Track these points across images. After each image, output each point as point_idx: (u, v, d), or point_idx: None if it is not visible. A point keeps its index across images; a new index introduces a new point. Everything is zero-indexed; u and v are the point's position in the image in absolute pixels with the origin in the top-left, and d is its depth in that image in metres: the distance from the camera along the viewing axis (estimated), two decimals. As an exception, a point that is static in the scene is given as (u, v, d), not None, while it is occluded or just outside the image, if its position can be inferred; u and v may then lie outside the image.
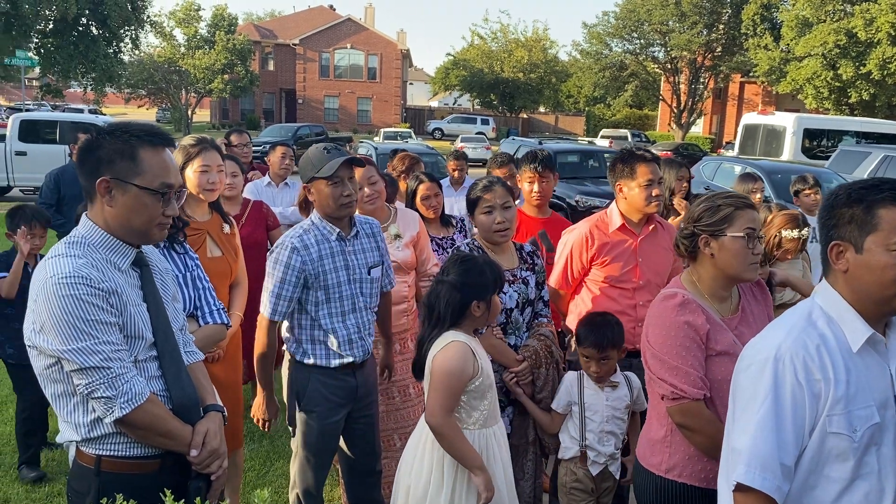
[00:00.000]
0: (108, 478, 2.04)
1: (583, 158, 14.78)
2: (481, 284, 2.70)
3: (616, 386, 3.19)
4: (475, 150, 30.03)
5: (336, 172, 2.99)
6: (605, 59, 43.16)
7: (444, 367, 2.61)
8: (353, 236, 3.17)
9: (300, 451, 3.19)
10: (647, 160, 3.49)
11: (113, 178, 2.01)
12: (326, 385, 3.11)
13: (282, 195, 5.98)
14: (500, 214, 3.22)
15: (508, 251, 3.34)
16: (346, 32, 52.01)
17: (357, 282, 3.13)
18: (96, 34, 31.92)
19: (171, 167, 2.08)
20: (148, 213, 2.04)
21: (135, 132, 2.04)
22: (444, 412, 2.60)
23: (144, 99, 45.31)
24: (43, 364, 1.99)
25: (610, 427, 3.16)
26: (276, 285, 3.01)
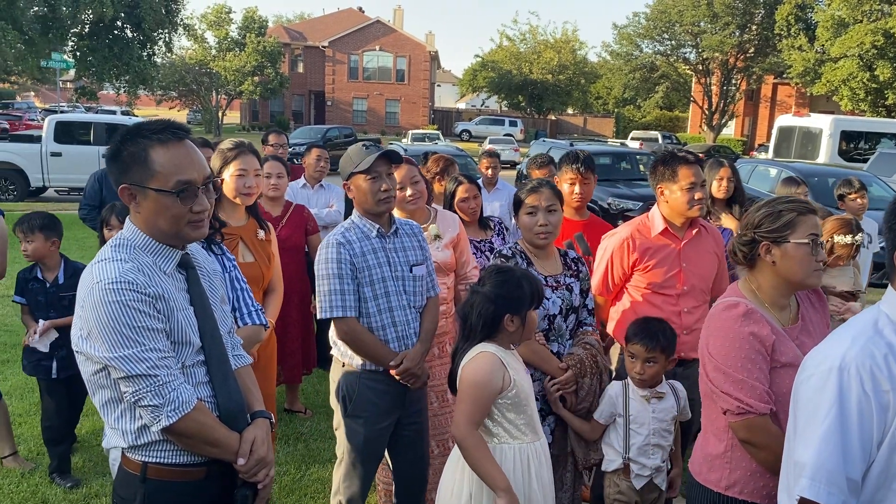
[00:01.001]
0: (153, 485, 2.01)
1: (615, 160, 14.62)
2: (516, 298, 2.59)
3: (662, 397, 3.08)
4: (503, 151, 29.91)
5: (373, 167, 2.99)
6: (636, 61, 42.83)
7: (470, 378, 2.52)
8: (393, 233, 3.14)
9: (345, 457, 3.14)
10: (690, 162, 3.40)
11: (132, 185, 1.97)
12: (374, 390, 3.06)
13: (317, 196, 5.97)
14: (543, 217, 3.15)
15: (552, 257, 3.27)
16: (374, 34, 52.22)
17: (400, 279, 3.09)
18: (130, 37, 32.38)
19: (187, 162, 1.99)
20: (171, 214, 1.98)
21: (145, 132, 1.98)
22: (469, 424, 2.50)
23: (176, 101, 45.91)
24: (90, 370, 1.96)
25: (656, 440, 3.05)
26: (333, 282, 2.97)
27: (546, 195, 3.18)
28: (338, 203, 6.03)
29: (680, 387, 3.15)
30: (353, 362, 3.08)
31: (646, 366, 3.04)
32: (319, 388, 5.76)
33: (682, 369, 3.43)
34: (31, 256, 4.04)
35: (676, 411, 3.11)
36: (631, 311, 3.46)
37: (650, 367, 3.04)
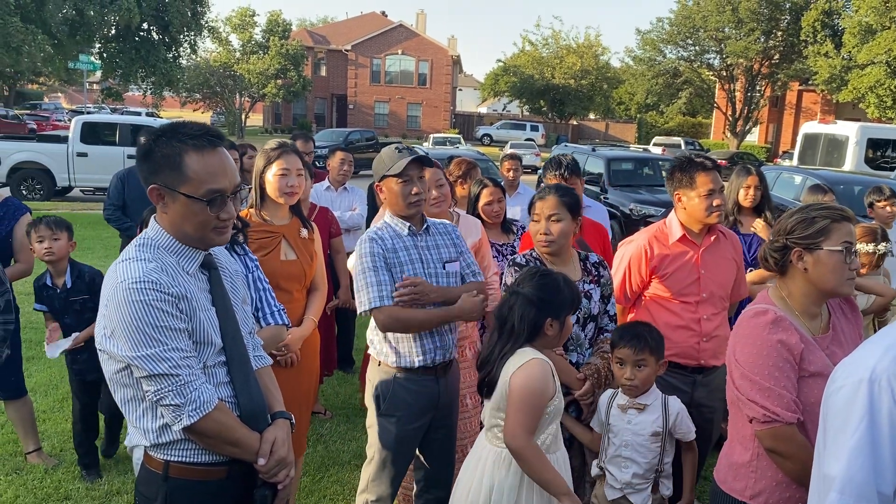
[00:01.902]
0: (175, 484, 2.01)
1: (637, 166, 14.51)
2: (558, 302, 2.58)
3: (642, 409, 2.95)
4: (524, 156, 29.88)
5: (405, 170, 3.02)
6: (659, 66, 42.59)
7: (527, 386, 2.46)
8: (425, 231, 3.16)
9: (376, 455, 3.14)
10: (708, 168, 3.35)
11: (161, 186, 1.98)
12: (409, 390, 3.06)
13: (340, 199, 5.99)
14: (545, 225, 3.12)
15: (570, 263, 3.22)
16: (397, 38, 52.40)
17: (433, 276, 3.09)
18: (156, 39, 32.76)
19: (219, 171, 2.00)
20: (198, 220, 1.99)
21: (181, 136, 1.98)
22: (527, 434, 2.46)
23: (200, 103, 46.34)
24: (113, 368, 1.98)
25: (628, 453, 2.93)
26: (369, 275, 2.98)
27: (550, 203, 3.13)
28: (360, 206, 6.05)
29: (675, 402, 2.99)
30: (389, 360, 3.08)
31: (636, 370, 2.93)
32: (339, 390, 5.77)
33: (701, 376, 3.39)
34: (55, 255, 4.00)
35: (660, 427, 2.93)
36: (650, 319, 3.41)
37: (640, 371, 2.94)
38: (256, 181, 3.33)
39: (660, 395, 2.99)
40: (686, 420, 2.97)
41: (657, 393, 3.00)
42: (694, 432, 2.99)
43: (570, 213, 3.14)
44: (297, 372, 3.30)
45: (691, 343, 3.34)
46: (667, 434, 2.94)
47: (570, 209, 3.14)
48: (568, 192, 3.21)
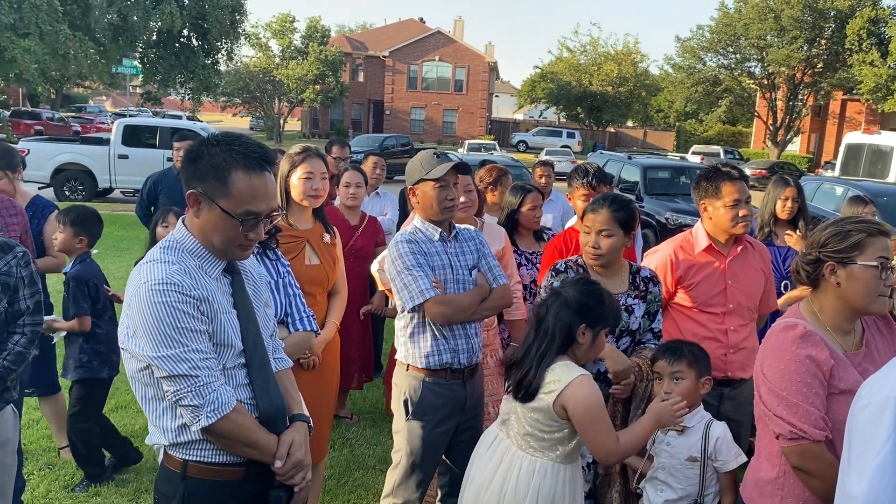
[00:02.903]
0: (193, 483, 2.03)
1: (674, 174, 14.35)
2: (596, 311, 2.54)
3: (681, 431, 2.82)
4: (560, 163, 29.68)
5: (444, 176, 3.05)
6: (699, 74, 42.10)
7: (589, 404, 2.42)
8: (454, 238, 3.19)
9: (403, 460, 3.15)
10: (734, 178, 3.30)
11: (201, 194, 2.00)
12: (436, 393, 3.09)
13: (372, 204, 6.01)
14: (594, 239, 3.08)
15: (618, 275, 3.16)
16: (434, 45, 52.60)
17: (460, 282, 3.13)
18: (196, 46, 33.36)
19: (261, 194, 2.01)
20: (227, 234, 2.02)
21: (234, 151, 2.00)
22: (615, 442, 2.45)
23: (239, 107, 47.02)
24: (135, 367, 2.00)
25: (664, 476, 2.83)
26: (412, 272, 3.02)
27: (602, 218, 3.06)
28: (392, 211, 6.06)
29: (717, 429, 2.84)
30: (418, 364, 3.10)
31: (673, 383, 2.83)
32: (367, 395, 5.78)
33: (729, 389, 3.33)
34: (58, 248, 4.07)
35: (697, 453, 2.79)
36: (676, 330, 3.37)
37: (678, 385, 2.82)
38: (281, 185, 3.36)
39: (705, 419, 2.86)
40: (727, 448, 2.80)
41: (703, 416, 2.87)
42: (735, 462, 2.79)
43: (621, 228, 3.07)
44: (318, 375, 3.32)
45: (718, 355, 3.28)
46: (706, 461, 2.79)
47: (622, 224, 3.07)
48: (623, 207, 3.11)
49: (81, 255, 4.09)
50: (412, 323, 3.11)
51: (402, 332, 3.17)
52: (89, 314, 4.02)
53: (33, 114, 34.33)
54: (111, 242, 10.48)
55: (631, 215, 3.10)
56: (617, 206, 3.09)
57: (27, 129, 29.94)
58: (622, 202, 3.14)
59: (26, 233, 3.66)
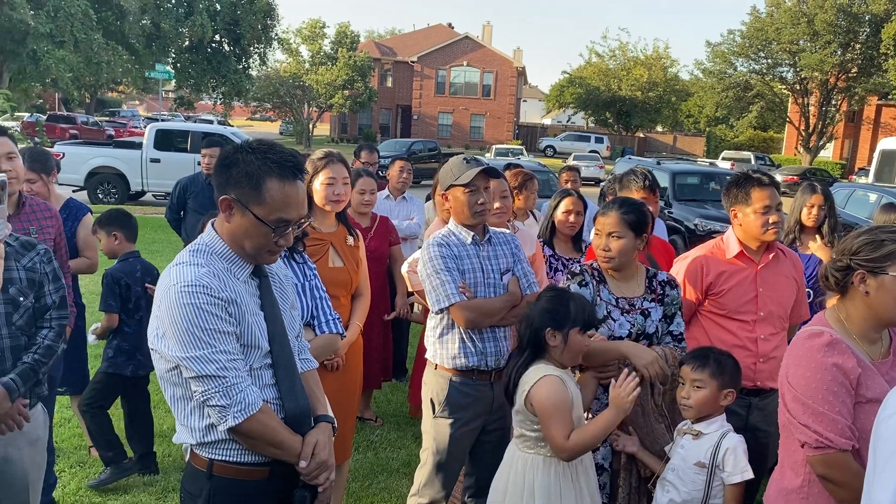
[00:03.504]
0: (219, 482, 2.06)
1: (704, 180, 14.20)
2: (558, 313, 2.70)
3: (697, 436, 2.79)
4: (588, 168, 29.62)
5: (473, 181, 3.09)
6: (729, 79, 41.63)
7: (549, 401, 2.64)
8: (487, 241, 3.23)
9: (429, 458, 3.21)
10: (764, 185, 3.25)
11: (235, 200, 2.03)
12: (463, 393, 3.13)
13: (399, 208, 6.04)
14: (604, 241, 3.06)
15: (634, 278, 3.13)
16: (463, 50, 52.72)
17: (491, 286, 3.16)
18: (228, 51, 33.78)
19: (293, 202, 2.05)
20: (259, 240, 2.05)
21: (269, 159, 2.03)
22: (563, 437, 2.61)
23: (269, 112, 47.52)
24: (164, 367, 2.04)
25: (672, 477, 2.81)
26: (442, 275, 3.06)
27: (611, 220, 3.04)
28: (418, 216, 6.08)
29: (731, 440, 2.77)
30: (445, 363, 3.15)
31: (692, 390, 2.80)
32: (392, 398, 5.81)
33: (758, 399, 3.28)
34: (105, 253, 4.25)
35: (706, 459, 2.75)
36: (704, 337, 3.33)
37: (696, 392, 2.79)
38: None
39: (722, 429, 2.81)
40: (735, 462, 2.73)
41: (721, 426, 2.81)
42: (742, 476, 2.73)
43: (632, 230, 3.03)
44: (341, 376, 3.36)
45: (747, 363, 3.23)
46: (713, 469, 2.75)
47: (633, 226, 3.03)
48: (633, 209, 3.07)
49: (125, 254, 4.21)
50: (441, 324, 3.16)
51: (431, 332, 3.22)
52: (116, 312, 4.11)
53: (68, 118, 35.01)
54: (142, 245, 10.60)
55: (641, 218, 3.06)
56: (627, 208, 3.07)
57: (62, 133, 30.51)
58: (632, 204, 3.13)
59: (60, 235, 3.74)
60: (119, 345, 4.16)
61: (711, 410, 2.80)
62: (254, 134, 32.15)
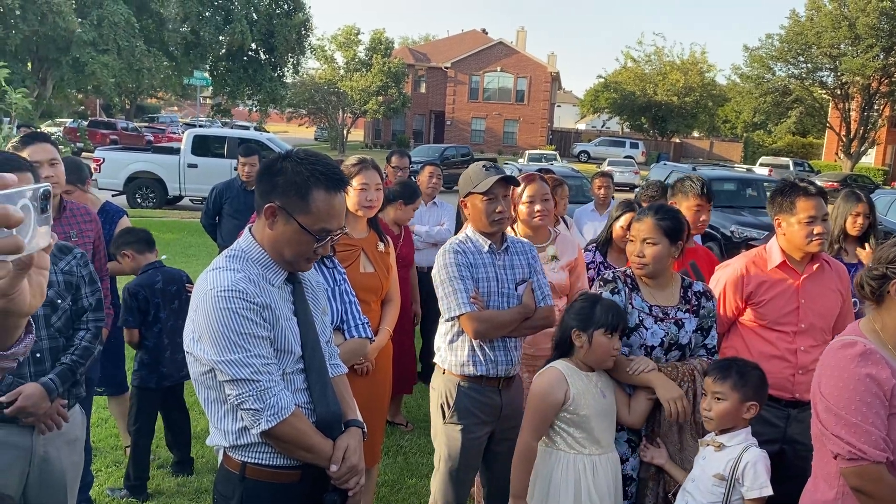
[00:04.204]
0: (251, 484, 2.10)
1: (740, 187, 14.01)
2: (584, 315, 2.80)
3: (718, 448, 2.72)
4: (623, 174, 29.37)
5: (491, 189, 3.07)
6: (767, 84, 40.96)
7: (534, 390, 2.83)
8: (503, 251, 3.21)
9: (442, 465, 3.21)
10: (810, 194, 3.17)
11: (280, 208, 2.06)
12: (472, 399, 3.13)
13: (429, 214, 6.06)
14: (639, 247, 3.02)
15: (669, 287, 3.08)
16: (496, 55, 52.71)
17: (505, 296, 3.15)
18: (263, 60, 34.24)
19: (336, 213, 2.10)
20: (300, 248, 2.09)
21: (316, 170, 2.07)
22: (531, 432, 2.79)
23: (304, 118, 48.00)
24: (199, 371, 2.08)
25: (691, 488, 2.75)
26: (455, 283, 3.06)
27: (646, 226, 3.00)
28: (448, 221, 6.10)
29: (752, 454, 2.67)
30: (454, 369, 3.15)
31: (713, 401, 2.73)
32: (422, 403, 5.81)
33: (796, 411, 3.22)
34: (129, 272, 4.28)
35: (725, 472, 2.66)
36: (743, 347, 3.28)
37: (717, 404, 2.71)
38: None
39: (745, 443, 2.72)
40: (756, 475, 2.64)
41: (744, 439, 2.73)
42: (760, 492, 2.63)
43: (667, 237, 2.98)
44: (371, 381, 3.38)
45: (786, 375, 3.19)
46: (733, 482, 2.67)
47: (668, 233, 2.98)
48: (668, 216, 3.02)
49: (144, 266, 4.22)
50: (452, 331, 3.17)
51: (442, 337, 3.23)
52: (134, 327, 4.12)
53: (109, 124, 35.76)
54: (179, 248, 10.81)
55: (676, 225, 3.01)
56: (662, 214, 3.02)
57: (103, 139, 31.17)
58: (668, 211, 3.09)
59: (99, 238, 3.83)
60: (141, 358, 4.21)
61: (733, 423, 2.72)
62: (289, 140, 32.51)
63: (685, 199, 4.12)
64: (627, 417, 2.95)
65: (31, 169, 2.66)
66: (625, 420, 2.95)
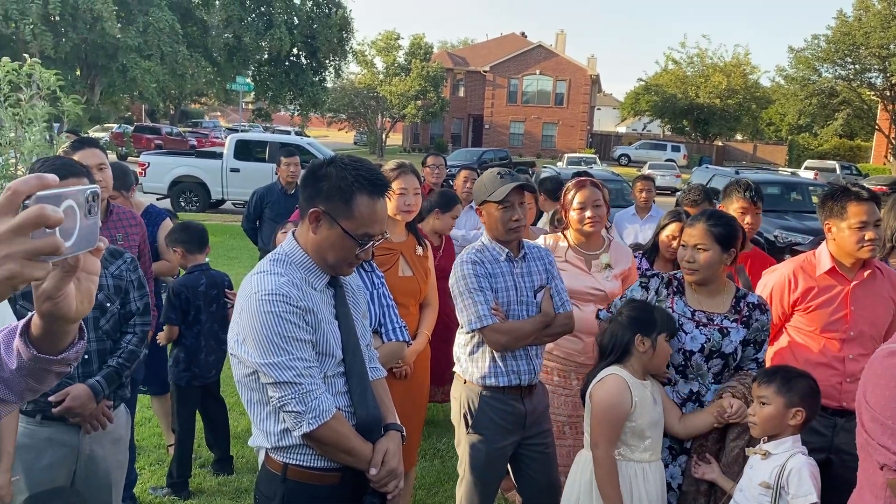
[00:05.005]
0: (292, 485, 2.12)
1: (784, 190, 13.75)
2: (646, 320, 2.78)
3: (764, 457, 2.66)
4: (664, 177, 29.02)
5: (506, 197, 3.02)
6: (813, 86, 40.13)
7: (603, 401, 2.73)
8: (521, 258, 3.16)
9: (467, 474, 3.18)
10: (862, 199, 3.09)
11: (324, 212, 2.08)
12: (495, 408, 3.09)
13: (465, 218, 6.05)
14: (690, 253, 2.97)
15: (720, 295, 3.02)
16: (535, 59, 52.57)
17: (524, 304, 3.10)
18: (305, 64, 34.64)
19: (379, 218, 2.12)
20: (343, 253, 2.11)
21: (360, 176, 2.09)
22: (608, 444, 2.71)
23: (344, 122, 48.44)
24: (242, 373, 2.11)
25: (739, 497, 2.71)
26: (475, 295, 3.03)
27: (697, 232, 2.95)
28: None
29: (798, 461, 2.60)
30: (475, 379, 3.12)
31: (757, 406, 2.68)
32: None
33: (844, 420, 3.14)
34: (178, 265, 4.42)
35: (771, 479, 2.60)
36: (790, 354, 3.22)
37: (762, 409, 2.66)
38: None
39: (791, 451, 2.65)
40: (798, 483, 2.57)
41: (791, 447, 2.65)
42: (805, 499, 2.55)
43: (719, 243, 2.91)
44: (409, 385, 3.39)
45: (832, 382, 3.11)
46: (778, 490, 2.61)
47: (720, 239, 2.91)
48: (721, 222, 2.95)
49: (190, 266, 4.32)
50: (472, 342, 3.12)
51: (462, 348, 3.19)
52: (176, 324, 4.22)
53: (154, 129, 36.49)
54: (222, 251, 10.98)
55: (730, 231, 2.95)
56: (714, 220, 2.96)
57: (148, 144, 31.81)
58: (721, 217, 3.03)
59: (144, 241, 3.92)
60: (177, 355, 4.29)
61: (778, 429, 2.66)
62: (329, 144, 32.84)
63: (730, 203, 4.06)
64: (676, 426, 2.90)
65: (87, 174, 2.73)
66: (673, 429, 2.90)
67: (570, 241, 3.70)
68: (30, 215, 0.91)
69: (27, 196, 0.93)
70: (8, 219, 0.92)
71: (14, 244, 0.92)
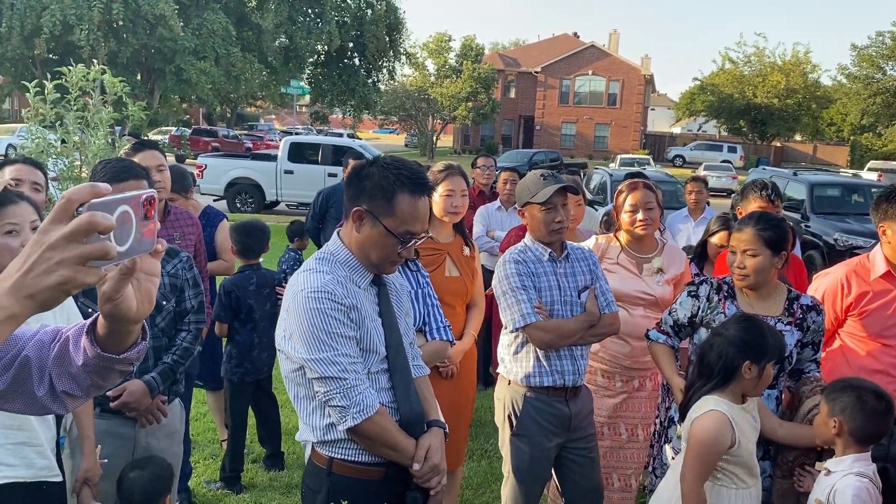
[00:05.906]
0: (337, 479, 2.17)
1: (845, 192, 13.32)
2: (759, 346, 2.56)
3: (828, 474, 2.61)
4: (719, 178, 28.44)
5: (550, 199, 3.03)
6: (877, 84, 38.89)
7: (701, 437, 2.56)
8: (564, 258, 3.16)
9: (511, 476, 3.19)
10: None
11: (367, 211, 2.13)
12: (539, 410, 3.09)
13: (510, 220, 6.06)
14: (739, 259, 2.91)
15: (772, 297, 2.97)
16: (588, 59, 52.11)
17: (568, 304, 3.10)
18: (357, 65, 34.98)
19: (420, 216, 2.16)
20: (385, 251, 2.15)
21: (401, 174, 2.13)
22: (696, 480, 2.55)
23: (396, 124, 48.81)
24: (289, 368, 2.17)
25: None
26: (518, 293, 3.04)
27: (746, 237, 2.89)
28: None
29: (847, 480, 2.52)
30: (518, 379, 3.12)
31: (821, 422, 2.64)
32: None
33: None
34: None
35: (824, 500, 2.54)
36: (842, 360, 3.14)
37: (816, 417, 2.66)
38: None
39: (848, 470, 2.57)
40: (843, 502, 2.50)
41: (848, 466, 2.58)
42: None
43: (769, 247, 2.86)
44: (455, 384, 3.41)
45: (889, 390, 3.00)
46: None
47: (770, 243, 2.86)
48: (770, 225, 2.90)
49: (243, 266, 4.44)
50: (516, 342, 3.12)
51: (506, 348, 3.19)
52: (226, 322, 4.34)
53: (210, 132, 37.38)
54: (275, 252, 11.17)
55: (780, 235, 2.88)
56: (763, 224, 2.90)
57: (205, 146, 32.56)
58: (769, 220, 2.95)
59: (200, 241, 4.04)
60: (230, 352, 4.41)
61: (826, 438, 2.65)
62: (380, 146, 33.12)
63: (748, 203, 3.99)
64: (778, 431, 2.81)
65: (147, 176, 2.84)
66: (774, 433, 2.81)
67: (622, 243, 3.67)
68: (81, 222, 0.95)
69: (81, 204, 0.98)
70: (61, 226, 0.97)
71: (66, 250, 0.96)
